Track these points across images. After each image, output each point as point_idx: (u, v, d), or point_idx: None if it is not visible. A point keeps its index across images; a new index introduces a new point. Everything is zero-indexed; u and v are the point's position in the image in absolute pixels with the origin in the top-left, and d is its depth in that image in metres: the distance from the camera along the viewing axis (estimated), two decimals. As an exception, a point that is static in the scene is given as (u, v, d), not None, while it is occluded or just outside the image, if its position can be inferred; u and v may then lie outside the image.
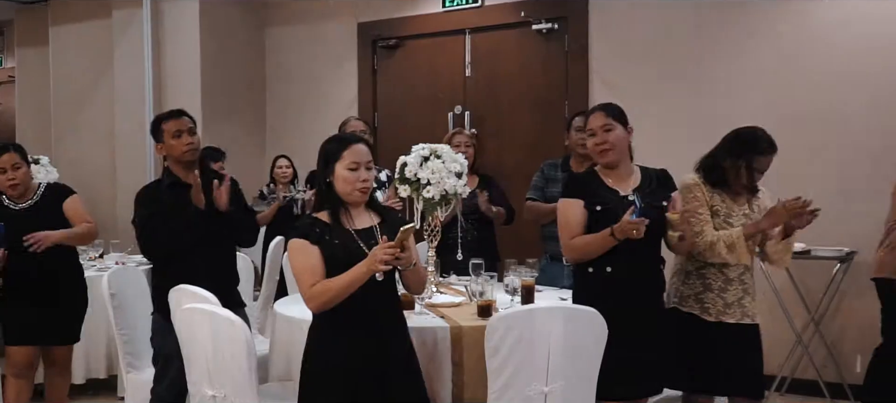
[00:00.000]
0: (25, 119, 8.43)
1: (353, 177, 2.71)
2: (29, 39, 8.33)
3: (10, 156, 4.11)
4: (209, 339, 2.97)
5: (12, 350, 4.13)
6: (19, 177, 4.11)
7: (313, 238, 2.67)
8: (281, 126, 7.20)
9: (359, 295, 2.63)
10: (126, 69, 7.01)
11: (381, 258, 2.53)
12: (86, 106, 7.51)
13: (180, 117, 3.74)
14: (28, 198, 4.17)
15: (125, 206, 6.68)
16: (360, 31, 6.75)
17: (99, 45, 7.30)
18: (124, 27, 7.01)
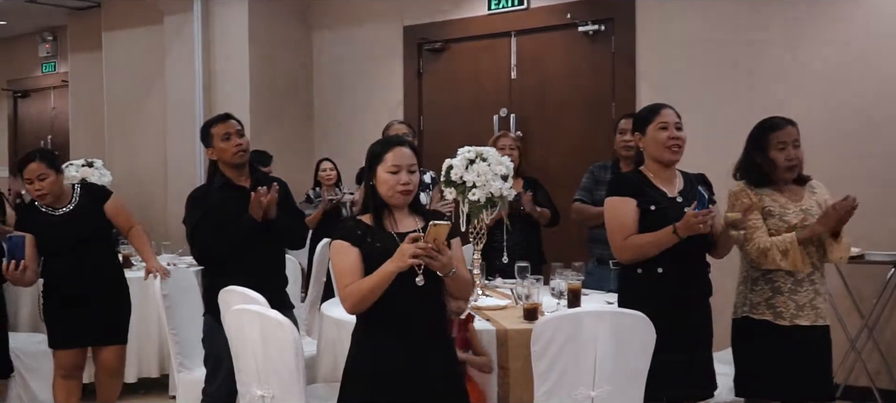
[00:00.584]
0: (79, 123, 8.62)
1: (394, 179, 2.70)
2: (82, 45, 8.52)
3: (35, 167, 4.04)
4: (258, 340, 3.02)
5: (59, 353, 4.18)
6: (46, 186, 4.04)
7: (354, 240, 2.68)
8: (328, 129, 7.27)
9: (398, 300, 2.63)
10: (177, 73, 7.14)
11: (410, 252, 2.52)
12: (138, 110, 7.66)
13: (228, 120, 3.79)
14: (65, 204, 4.15)
15: (176, 208, 6.80)
16: (406, 34, 6.79)
17: (151, 49, 7.44)
18: (176, 32, 7.14)
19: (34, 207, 4.10)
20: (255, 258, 3.67)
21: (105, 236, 4.29)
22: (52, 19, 8.95)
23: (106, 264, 4.25)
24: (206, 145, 3.81)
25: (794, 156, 3.31)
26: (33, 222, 4.03)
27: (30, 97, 10.21)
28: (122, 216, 4.28)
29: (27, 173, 4.03)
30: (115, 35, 7.81)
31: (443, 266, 2.59)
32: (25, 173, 4.03)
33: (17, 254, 3.71)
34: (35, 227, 3.99)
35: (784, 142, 3.30)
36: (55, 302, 4.14)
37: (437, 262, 2.56)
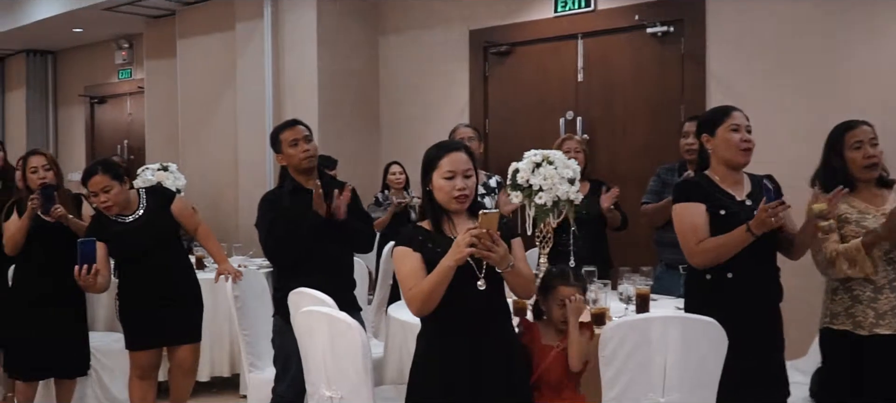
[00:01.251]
0: (154, 128, 8.84)
1: (450, 185, 2.70)
2: (157, 51, 8.74)
3: (99, 179, 4.03)
4: (327, 341, 3.06)
5: (135, 354, 4.25)
6: (112, 197, 4.04)
7: (416, 245, 2.68)
8: (394, 133, 7.32)
9: (461, 305, 2.64)
10: (248, 79, 7.28)
11: (466, 242, 2.50)
12: (210, 114, 7.83)
13: (295, 126, 3.85)
14: (134, 211, 4.19)
15: (247, 211, 6.95)
16: (472, 38, 6.80)
17: (223, 55, 7.61)
18: (247, 38, 7.28)
19: (104, 216, 4.13)
20: (325, 260, 3.72)
21: (176, 238, 4.37)
22: (129, 27, 9.20)
23: (177, 265, 4.33)
24: (276, 151, 3.87)
25: (872, 154, 3.20)
26: (105, 231, 4.08)
27: (107, 103, 10.51)
28: (187, 217, 4.37)
29: (91, 185, 4.04)
30: (189, 42, 8.00)
31: (500, 258, 2.56)
32: (90, 186, 4.05)
33: (88, 259, 3.75)
34: (107, 236, 4.05)
35: (860, 140, 3.20)
36: (130, 304, 4.22)
37: (494, 253, 2.53)
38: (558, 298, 3.02)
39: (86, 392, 4.86)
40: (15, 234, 4.27)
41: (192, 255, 5.40)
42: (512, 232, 2.74)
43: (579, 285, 3.07)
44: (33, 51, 10.92)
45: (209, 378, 5.33)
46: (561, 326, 3.00)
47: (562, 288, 3.01)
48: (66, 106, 11.06)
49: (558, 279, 3.05)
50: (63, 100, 11.12)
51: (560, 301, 3.01)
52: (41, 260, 4.40)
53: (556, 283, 3.03)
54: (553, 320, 3.05)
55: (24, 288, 4.49)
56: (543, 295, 3.08)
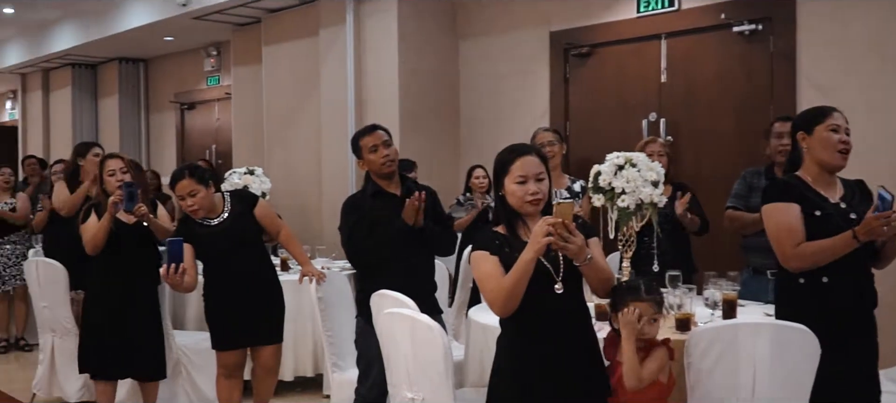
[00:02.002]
0: (240, 132, 9.07)
1: (522, 190, 2.67)
2: (243, 58, 8.96)
3: (186, 184, 4.12)
4: (408, 343, 3.08)
5: (221, 354, 4.35)
6: (198, 201, 4.13)
7: (493, 249, 2.67)
8: (474, 135, 7.33)
9: (540, 309, 2.62)
10: (331, 83, 7.40)
11: (543, 232, 2.48)
12: (295, 119, 7.99)
13: (375, 131, 3.88)
14: (219, 214, 4.28)
15: (330, 214, 7.06)
16: (552, 40, 6.75)
17: (307, 61, 7.75)
18: (330, 44, 7.40)
19: (191, 219, 4.24)
20: (406, 263, 3.75)
21: (259, 240, 4.45)
22: (217, 35, 9.47)
23: (261, 267, 4.40)
24: (357, 157, 3.92)
25: None
26: (192, 233, 4.17)
27: (195, 109, 10.82)
28: (270, 219, 4.45)
29: (178, 190, 4.15)
30: (274, 48, 8.18)
31: (577, 249, 2.53)
32: (177, 190, 4.16)
33: (176, 258, 3.83)
34: (193, 238, 4.15)
35: None
36: (215, 305, 4.32)
37: (572, 244, 2.50)
38: None
39: (177, 390, 5.00)
40: (96, 235, 4.35)
41: (276, 258, 5.52)
42: (589, 231, 2.71)
43: (652, 299, 2.82)
44: (126, 59, 11.33)
45: (293, 377, 5.43)
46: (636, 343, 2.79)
47: (633, 303, 2.80)
48: (157, 112, 11.44)
49: (630, 294, 2.82)
50: (154, 106, 11.50)
51: None
52: (115, 262, 4.47)
53: (628, 298, 2.81)
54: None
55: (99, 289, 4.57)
56: (615, 311, 2.86)
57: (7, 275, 6.84)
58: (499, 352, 2.77)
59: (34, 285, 5.26)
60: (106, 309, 4.50)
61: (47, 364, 5.25)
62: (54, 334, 5.17)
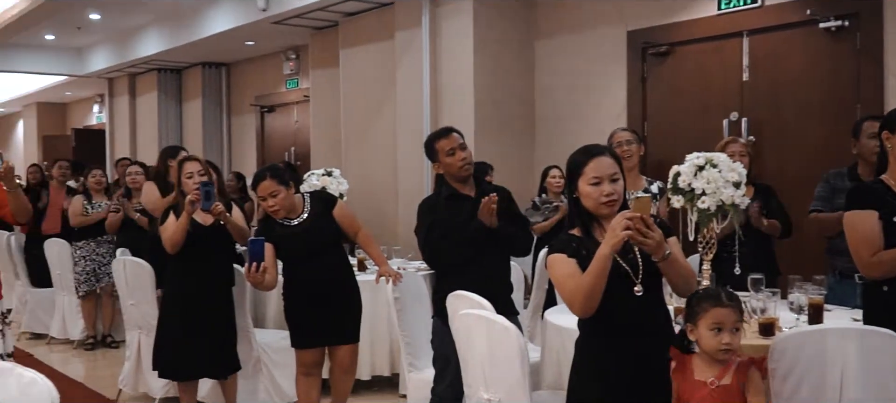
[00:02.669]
0: (318, 135, 9.21)
1: (597, 191, 2.63)
2: (321, 61, 9.11)
3: (267, 184, 4.20)
4: (485, 344, 3.08)
5: (300, 352, 4.42)
6: (278, 202, 4.20)
7: (570, 251, 2.65)
8: (549, 137, 7.29)
9: (619, 312, 2.58)
10: (407, 86, 7.46)
11: (621, 225, 2.43)
12: (371, 121, 8.08)
13: (450, 134, 3.89)
14: (299, 214, 4.35)
15: (405, 215, 7.12)
16: (630, 39, 6.67)
17: (383, 64, 7.83)
18: (405, 46, 7.46)
19: (272, 219, 4.31)
20: (482, 264, 3.75)
21: (337, 241, 4.50)
22: (296, 39, 9.64)
23: (339, 267, 4.45)
24: (432, 160, 3.93)
25: None
26: (272, 233, 4.24)
27: (275, 111, 11.03)
28: (348, 220, 4.50)
29: (260, 190, 4.23)
30: (351, 51, 8.29)
31: (656, 245, 2.47)
32: (258, 191, 4.24)
33: (257, 257, 3.91)
34: (274, 238, 4.22)
35: None
36: (295, 304, 4.39)
37: (650, 239, 2.45)
38: (710, 323, 2.59)
39: (257, 387, 5.10)
40: (174, 234, 4.44)
41: (353, 258, 5.58)
42: (666, 230, 2.66)
43: (734, 305, 2.61)
44: (208, 63, 11.63)
45: (370, 376, 5.48)
46: (718, 356, 2.60)
47: (714, 310, 2.58)
48: (239, 115, 11.71)
49: (709, 300, 2.61)
50: (236, 109, 11.78)
51: (713, 326, 2.59)
52: (190, 262, 4.57)
53: (707, 305, 2.60)
54: (705, 349, 2.62)
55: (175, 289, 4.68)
56: (692, 322, 2.64)
57: (101, 274, 7.07)
58: (578, 355, 2.75)
59: (122, 283, 5.43)
60: (181, 309, 4.61)
61: (133, 361, 5.41)
62: (141, 331, 5.33)
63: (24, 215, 3.91)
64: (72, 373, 6.45)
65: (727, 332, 2.58)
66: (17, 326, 7.45)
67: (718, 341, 2.58)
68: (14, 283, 7.85)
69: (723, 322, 2.58)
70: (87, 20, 10.42)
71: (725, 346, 2.57)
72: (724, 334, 2.58)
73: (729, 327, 2.59)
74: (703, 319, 2.60)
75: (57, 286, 7.45)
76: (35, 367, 2.24)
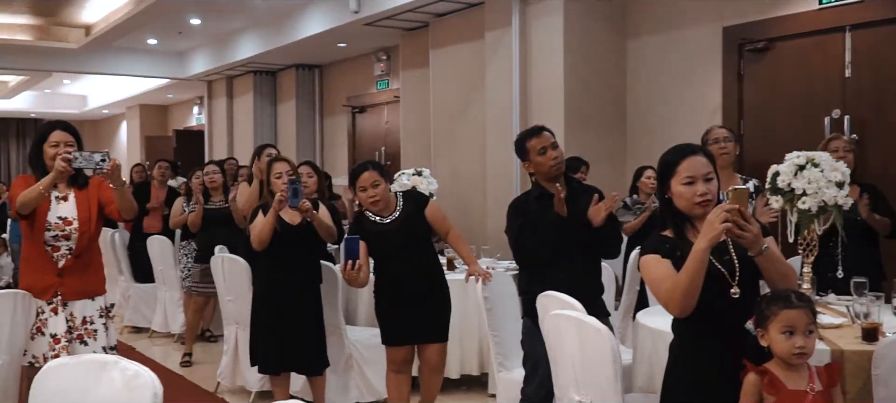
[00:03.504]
0: (408, 135, 9.29)
1: (690, 191, 2.59)
2: (412, 62, 9.19)
3: (369, 175, 4.30)
4: (576, 346, 3.05)
5: (390, 349, 4.47)
6: (379, 193, 4.30)
7: (664, 252, 2.61)
8: (641, 136, 7.18)
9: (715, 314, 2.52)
10: (496, 86, 7.46)
11: (720, 219, 2.38)
12: (460, 121, 8.11)
13: (542, 134, 3.86)
14: (392, 211, 4.41)
15: (494, 215, 7.12)
16: (725, 36, 6.51)
17: (472, 64, 7.85)
18: (495, 46, 7.46)
19: (364, 216, 4.40)
20: (572, 264, 3.72)
21: (428, 240, 4.54)
22: (386, 40, 9.75)
23: (429, 266, 4.48)
24: (522, 159, 3.91)
25: None
26: (364, 230, 4.33)
27: (366, 112, 11.18)
28: (439, 220, 4.52)
29: (361, 181, 4.33)
30: (441, 52, 8.34)
31: (753, 238, 2.42)
32: (360, 181, 4.33)
33: (353, 255, 4.01)
34: (366, 235, 4.30)
35: None
36: (385, 302, 4.45)
37: (747, 232, 2.40)
38: (781, 326, 2.47)
39: (348, 383, 5.19)
40: (262, 231, 4.53)
41: (443, 257, 5.61)
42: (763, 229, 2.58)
43: (805, 306, 2.49)
44: (302, 65, 11.88)
45: (459, 375, 5.49)
46: (792, 361, 2.48)
47: (785, 312, 2.46)
48: (331, 115, 11.93)
49: (778, 303, 2.49)
50: (328, 110, 12.00)
51: (784, 329, 2.46)
52: (278, 260, 4.66)
53: (777, 308, 2.48)
54: (778, 354, 2.49)
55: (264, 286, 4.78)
56: (762, 326, 2.52)
57: None
58: (673, 358, 2.70)
59: (220, 279, 5.60)
60: (270, 306, 4.71)
61: (231, 355, 5.57)
62: (238, 326, 5.48)
63: (130, 212, 4.07)
64: (172, 366, 6.68)
65: (800, 335, 2.46)
66: (119, 320, 7.77)
67: (791, 345, 2.46)
68: (117, 279, 8.16)
69: (794, 324, 2.46)
70: (188, 25, 10.79)
71: (799, 350, 2.46)
72: (797, 337, 2.46)
73: (802, 330, 2.46)
74: (774, 323, 2.48)
75: (159, 281, 7.72)
76: (137, 360, 2.33)
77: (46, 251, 3.94)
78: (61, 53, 12.05)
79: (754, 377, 2.50)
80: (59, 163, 3.79)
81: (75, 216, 3.97)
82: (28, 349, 3.90)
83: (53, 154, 3.88)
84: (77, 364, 2.40)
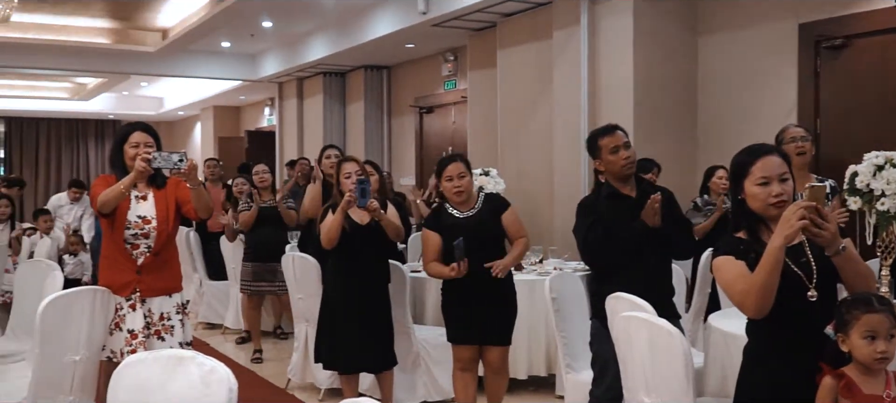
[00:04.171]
0: (475, 135, 9.30)
1: (765, 192, 2.54)
2: (479, 62, 9.19)
3: (456, 166, 4.44)
4: (646, 348, 3.02)
5: (456, 347, 4.51)
6: (464, 185, 4.42)
7: (738, 254, 2.56)
8: (713, 135, 7.05)
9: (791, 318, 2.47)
10: (564, 85, 7.42)
11: (797, 216, 2.32)
12: (527, 121, 8.09)
13: (615, 132, 3.83)
14: (471, 207, 4.47)
15: (561, 215, 7.08)
16: (801, 32, 6.34)
17: (540, 63, 7.82)
18: (563, 45, 7.42)
19: (443, 209, 4.48)
20: (643, 266, 3.68)
21: (499, 242, 4.54)
22: (454, 41, 9.78)
23: None
24: (594, 156, 3.89)
25: None
26: (440, 222, 4.42)
27: (433, 112, 11.23)
28: (515, 227, 4.52)
29: (448, 171, 4.43)
30: (509, 52, 8.33)
31: (831, 237, 2.37)
32: (447, 171, 4.44)
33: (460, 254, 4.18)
34: (441, 228, 4.37)
35: None
36: (453, 299, 4.48)
37: (825, 231, 2.34)
38: (863, 331, 2.42)
39: (416, 382, 5.23)
40: (330, 230, 4.59)
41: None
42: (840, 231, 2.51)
43: (887, 310, 2.43)
44: (370, 66, 11.99)
45: (526, 376, 5.48)
46: (874, 366, 2.43)
47: (866, 316, 2.41)
48: (399, 116, 12.01)
49: (859, 307, 2.43)
50: (396, 110, 12.09)
51: (866, 333, 2.41)
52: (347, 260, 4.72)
53: (858, 312, 2.42)
54: (860, 359, 2.44)
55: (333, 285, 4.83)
56: (843, 331, 2.47)
57: None
58: (747, 362, 2.65)
59: (290, 277, 5.69)
60: (338, 305, 4.77)
61: (301, 352, 5.66)
62: (308, 324, 5.57)
63: (206, 211, 4.17)
64: (243, 362, 6.82)
65: (882, 340, 2.40)
66: (193, 316, 7.96)
67: (873, 349, 2.40)
68: (192, 276, 8.37)
69: (876, 329, 2.40)
70: (260, 28, 10.99)
71: (881, 355, 2.40)
72: (879, 341, 2.40)
73: (884, 334, 2.41)
74: (855, 327, 2.43)
75: (231, 279, 7.88)
76: (211, 355, 2.39)
77: (126, 249, 4.06)
78: (139, 56, 12.40)
79: (831, 381, 2.45)
80: (139, 163, 3.91)
81: (154, 215, 4.08)
82: (106, 344, 4.02)
83: (133, 154, 4.00)
84: (155, 359, 2.45)
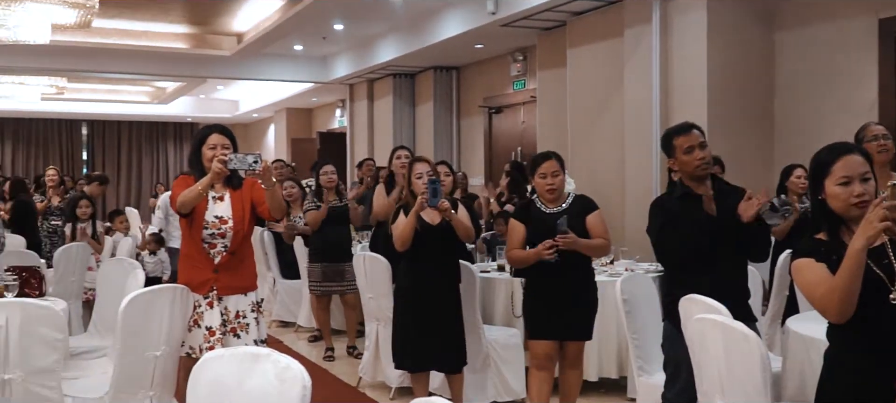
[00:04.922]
0: (545, 134, 9.26)
1: (846, 192, 2.47)
2: (548, 61, 9.16)
3: (551, 164, 4.45)
4: (721, 351, 2.97)
5: (534, 344, 4.50)
6: (557, 183, 4.43)
7: (818, 256, 2.48)
8: (789, 134, 6.89)
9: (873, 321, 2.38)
10: (635, 83, 7.33)
11: (879, 217, 2.25)
12: (598, 120, 8.02)
13: (690, 131, 3.76)
14: (559, 204, 4.47)
15: (633, 214, 7.00)
16: (882, 28, 6.15)
17: (610, 62, 7.75)
18: (635, 43, 7.34)
19: (533, 203, 4.54)
20: (717, 267, 3.61)
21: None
22: (523, 40, 9.76)
23: (580, 265, 4.47)
24: (668, 155, 3.83)
25: None
26: (529, 214, 4.47)
27: (502, 112, 11.23)
28: (598, 230, 4.47)
29: (543, 169, 4.44)
30: (579, 51, 8.27)
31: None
32: (541, 168, 4.45)
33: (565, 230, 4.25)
34: (530, 221, 4.41)
35: None
36: (534, 294, 4.49)
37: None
38: None
39: (486, 382, 5.23)
40: (403, 232, 4.63)
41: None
42: None
43: None
44: (439, 67, 12.06)
45: (597, 378, 5.44)
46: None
47: None
48: (468, 116, 12.04)
49: None
50: (465, 111, 12.12)
51: None
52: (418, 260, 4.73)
53: None
54: None
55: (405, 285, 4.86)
56: None
57: None
58: (828, 368, 2.57)
59: (361, 277, 5.76)
60: (410, 305, 4.79)
61: (372, 351, 5.72)
62: (379, 323, 5.62)
63: (279, 212, 4.24)
64: (316, 360, 6.92)
65: None
66: (267, 314, 8.11)
67: None
68: (266, 275, 8.53)
69: None
70: (332, 30, 11.15)
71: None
72: None
73: None
74: None
75: (304, 278, 8.00)
76: (285, 353, 2.43)
77: (204, 248, 4.16)
78: (215, 60, 12.72)
79: None
80: (216, 164, 4.00)
81: (230, 215, 4.17)
82: (185, 340, 4.13)
83: (211, 156, 4.10)
84: (232, 355, 2.50)
